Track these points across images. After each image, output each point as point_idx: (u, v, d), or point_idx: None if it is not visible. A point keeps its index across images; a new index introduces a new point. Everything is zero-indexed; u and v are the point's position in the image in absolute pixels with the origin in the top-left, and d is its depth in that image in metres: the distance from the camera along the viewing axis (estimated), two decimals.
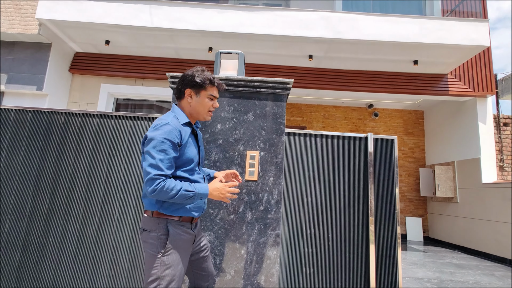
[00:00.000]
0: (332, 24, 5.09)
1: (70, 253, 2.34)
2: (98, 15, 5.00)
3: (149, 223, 1.45)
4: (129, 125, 2.53)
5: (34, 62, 5.38)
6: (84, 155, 2.49)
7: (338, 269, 2.55)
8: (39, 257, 2.33)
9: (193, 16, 5.07)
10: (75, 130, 2.52)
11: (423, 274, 4.06)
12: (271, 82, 2.41)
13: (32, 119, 2.51)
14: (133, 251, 2.36)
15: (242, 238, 2.23)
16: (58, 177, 2.45)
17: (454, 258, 5.28)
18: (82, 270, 2.33)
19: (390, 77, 6.07)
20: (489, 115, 6.01)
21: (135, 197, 2.44)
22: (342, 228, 2.61)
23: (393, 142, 2.76)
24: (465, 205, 6.18)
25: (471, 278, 4.00)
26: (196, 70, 1.58)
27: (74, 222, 2.39)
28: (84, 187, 2.44)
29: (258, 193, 2.30)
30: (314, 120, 7.81)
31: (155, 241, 1.41)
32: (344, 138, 2.74)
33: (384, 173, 2.70)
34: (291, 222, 2.58)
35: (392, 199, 2.65)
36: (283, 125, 2.41)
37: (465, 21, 5.11)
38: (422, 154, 7.76)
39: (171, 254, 1.40)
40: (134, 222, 2.40)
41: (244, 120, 2.39)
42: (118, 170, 2.47)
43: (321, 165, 2.67)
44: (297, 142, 2.67)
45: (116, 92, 6.07)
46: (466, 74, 6.06)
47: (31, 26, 5.17)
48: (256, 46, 5.47)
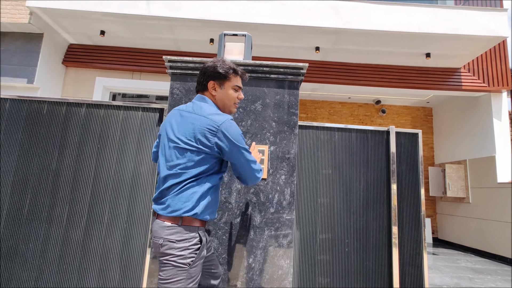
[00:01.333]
0: (341, 13, 4.79)
1: (53, 261, 2.05)
2: (92, 3, 4.70)
3: (178, 233, 1.26)
4: (121, 115, 2.24)
5: (25, 54, 5.08)
6: (70, 149, 2.19)
7: (357, 279, 2.26)
8: (19, 265, 2.04)
9: (192, 3, 4.77)
10: (60, 121, 2.22)
11: (440, 280, 3.77)
12: (282, 67, 2.12)
13: (11, 109, 2.22)
14: (125, 260, 2.07)
15: (249, 245, 1.94)
16: (40, 174, 2.16)
17: (469, 262, 4.99)
18: (67, 281, 2.03)
19: (400, 71, 5.78)
20: (505, 111, 5.72)
21: (127, 197, 2.15)
22: (361, 232, 2.32)
23: (417, 136, 2.47)
24: (478, 206, 5.89)
25: (492, 284, 3.72)
26: (217, 60, 1.47)
27: (58, 226, 2.10)
28: (69, 186, 2.14)
29: (268, 193, 2.01)
30: (319, 117, 7.51)
31: (184, 253, 1.25)
32: (363, 132, 2.44)
33: (407, 171, 2.41)
34: (303, 226, 2.28)
35: (417, 200, 2.37)
36: (296, 116, 2.12)
37: (482, 10, 4.81)
38: (431, 153, 7.47)
39: (198, 265, 1.29)
40: (126, 226, 2.10)
41: (252, 110, 2.10)
42: (108, 167, 2.18)
43: (338, 161, 2.38)
44: (311, 136, 2.38)
45: (112, 85, 5.77)
46: (480, 68, 5.77)
47: (22, 15, 4.87)
48: (259, 37, 5.17)
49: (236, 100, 1.51)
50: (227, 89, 1.46)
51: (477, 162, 5.99)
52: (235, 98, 1.49)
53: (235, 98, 1.49)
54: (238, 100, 1.52)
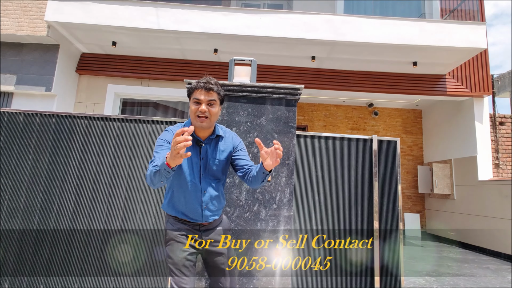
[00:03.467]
0: (334, 26, 5.23)
1: (96, 248, 2.50)
2: (106, 17, 5.11)
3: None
4: (149, 128, 2.68)
5: (43, 64, 5.48)
6: (107, 157, 2.64)
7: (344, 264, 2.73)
8: (66, 252, 2.49)
9: (199, 18, 5.19)
10: (97, 134, 2.66)
11: (421, 267, 4.26)
12: (282, 88, 2.57)
13: (57, 123, 2.65)
14: (155, 246, 2.52)
15: (256, 234, 2.40)
16: (82, 178, 2.60)
17: (451, 253, 5.50)
18: (107, 265, 2.49)
19: (390, 78, 6.24)
20: (486, 115, 6.21)
21: (155, 196, 2.60)
22: (349, 224, 2.79)
23: (396, 143, 2.93)
24: (462, 202, 6.39)
25: (467, 271, 4.21)
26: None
27: (99, 220, 2.55)
28: (107, 187, 2.59)
29: (272, 192, 2.47)
30: (316, 119, 7.97)
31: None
32: (350, 140, 2.90)
33: (387, 173, 2.88)
34: (300, 219, 2.75)
35: (395, 196, 2.84)
36: (294, 128, 2.57)
37: (463, 24, 5.27)
38: (420, 152, 7.96)
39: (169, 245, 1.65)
40: (155, 220, 2.56)
41: (258, 124, 2.55)
42: (139, 171, 2.63)
43: (329, 165, 2.84)
44: (306, 144, 2.84)
45: (122, 92, 6.19)
46: (464, 75, 6.24)
47: (40, 28, 5.26)
48: (260, 48, 5.60)
49: (198, 112, 1.50)
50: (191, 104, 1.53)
51: (461, 162, 6.49)
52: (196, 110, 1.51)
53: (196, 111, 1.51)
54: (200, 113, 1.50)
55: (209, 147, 1.61)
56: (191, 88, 1.56)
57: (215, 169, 1.61)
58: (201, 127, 1.53)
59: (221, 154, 1.63)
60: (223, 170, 1.66)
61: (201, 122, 1.51)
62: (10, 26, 5.27)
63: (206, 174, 1.59)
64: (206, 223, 1.61)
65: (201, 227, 1.61)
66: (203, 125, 1.52)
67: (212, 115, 1.54)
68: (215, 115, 1.56)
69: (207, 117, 1.52)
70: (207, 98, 1.51)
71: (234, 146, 1.69)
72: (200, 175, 1.58)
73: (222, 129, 1.71)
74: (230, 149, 1.67)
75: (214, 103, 1.55)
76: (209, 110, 1.52)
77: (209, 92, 1.53)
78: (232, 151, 1.68)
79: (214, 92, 1.55)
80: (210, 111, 1.52)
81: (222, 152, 1.64)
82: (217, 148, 1.63)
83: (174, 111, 6.66)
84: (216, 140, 1.64)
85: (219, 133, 1.64)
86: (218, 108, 1.59)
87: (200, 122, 1.51)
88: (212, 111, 1.53)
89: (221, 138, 1.66)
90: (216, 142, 1.63)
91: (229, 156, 1.67)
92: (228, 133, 1.72)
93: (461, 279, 3.78)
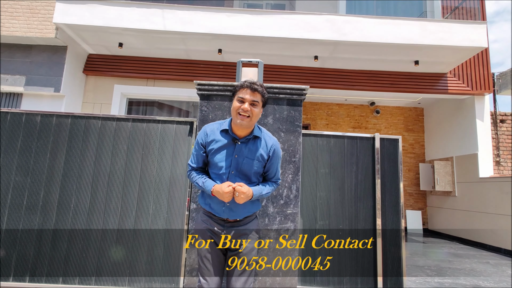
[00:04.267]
0: (337, 26, 5.32)
1: (111, 242, 2.62)
2: (112, 19, 5.21)
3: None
4: (160, 128, 2.79)
5: (51, 65, 5.60)
6: (120, 156, 2.75)
7: (347, 256, 2.84)
8: (83, 246, 2.61)
9: (203, 19, 5.29)
10: (111, 133, 2.77)
11: (423, 263, 4.37)
12: (288, 89, 2.67)
13: (72, 123, 2.77)
14: (168, 241, 2.64)
15: (265, 229, 2.51)
16: (97, 176, 2.72)
17: (453, 248, 5.59)
18: (123, 258, 2.61)
19: (391, 76, 6.32)
20: (487, 113, 6.29)
21: (167, 193, 2.71)
22: (352, 219, 2.89)
23: (398, 141, 3.03)
24: (463, 199, 6.48)
25: (467, 265, 4.31)
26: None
27: (114, 216, 2.66)
28: (121, 185, 2.70)
29: (279, 188, 2.58)
30: (318, 118, 8.06)
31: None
32: (354, 138, 3.00)
33: (389, 170, 2.98)
34: (306, 214, 2.86)
35: (397, 193, 2.94)
36: (300, 127, 2.67)
37: (464, 23, 5.35)
38: (422, 150, 8.04)
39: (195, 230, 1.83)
40: (167, 216, 2.67)
41: (265, 123, 2.65)
42: (151, 169, 2.74)
43: (333, 162, 2.95)
44: (312, 142, 2.94)
45: (128, 92, 6.30)
46: (465, 73, 6.31)
47: (48, 30, 5.38)
48: (263, 48, 5.70)
49: (240, 110, 1.57)
50: (234, 102, 1.63)
51: (462, 159, 6.57)
52: (239, 108, 1.58)
53: (238, 108, 1.58)
54: (242, 111, 1.56)
55: (244, 146, 1.64)
56: (237, 87, 1.63)
57: (246, 168, 1.63)
58: (240, 125, 1.58)
59: (254, 154, 1.64)
60: (255, 172, 1.66)
61: (241, 120, 1.56)
62: (19, 28, 5.39)
63: (236, 172, 1.64)
64: (232, 220, 1.66)
65: (226, 223, 1.67)
66: (243, 123, 1.57)
67: (254, 115, 1.59)
68: (257, 115, 1.61)
69: (248, 116, 1.57)
70: (251, 98, 1.58)
71: (268, 155, 1.69)
72: (229, 172, 1.63)
73: (262, 131, 1.73)
74: (265, 153, 1.67)
75: (257, 104, 1.60)
76: (251, 110, 1.57)
77: (254, 93, 1.59)
78: (266, 157, 1.68)
79: (259, 94, 1.61)
80: (252, 110, 1.58)
81: (255, 153, 1.65)
82: (252, 148, 1.65)
83: (178, 110, 6.77)
84: (253, 140, 1.67)
85: (256, 134, 1.67)
86: (260, 109, 1.63)
87: (241, 120, 1.57)
88: (254, 111, 1.59)
89: (259, 139, 1.68)
90: (252, 142, 1.67)
91: (262, 159, 1.67)
92: (267, 137, 1.72)
93: (461, 273, 3.88)
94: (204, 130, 1.72)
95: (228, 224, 1.67)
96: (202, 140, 1.70)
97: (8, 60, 5.59)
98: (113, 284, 2.58)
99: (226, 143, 1.65)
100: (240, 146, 1.65)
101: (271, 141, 1.73)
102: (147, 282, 2.60)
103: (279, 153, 1.75)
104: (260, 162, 1.67)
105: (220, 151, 1.64)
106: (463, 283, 3.48)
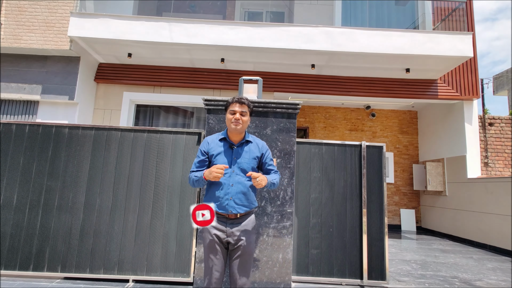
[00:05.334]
0: (332, 38, 5.69)
1: (131, 238, 3.02)
2: (123, 32, 5.61)
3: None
4: (172, 138, 3.19)
5: (66, 74, 6.00)
6: (137, 163, 3.15)
7: (338, 250, 3.23)
8: (107, 242, 3.01)
9: (208, 32, 5.68)
10: (129, 142, 3.17)
11: (410, 257, 4.75)
12: (284, 104, 3.06)
13: (96, 134, 3.17)
14: (179, 237, 3.04)
15: (264, 226, 2.90)
16: (118, 180, 3.12)
17: (441, 245, 5.97)
18: (141, 252, 3.01)
19: (385, 83, 6.69)
20: (475, 117, 6.65)
21: (178, 195, 3.11)
22: (341, 217, 3.28)
23: (382, 148, 3.41)
24: (453, 198, 6.85)
25: (451, 260, 4.69)
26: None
27: (132, 215, 3.07)
28: (138, 188, 3.10)
29: (276, 191, 2.97)
30: (316, 121, 8.44)
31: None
32: (343, 146, 3.39)
33: (374, 173, 3.37)
34: (300, 214, 3.25)
35: (381, 194, 3.32)
36: (295, 137, 3.06)
37: (451, 34, 5.71)
38: (415, 151, 8.41)
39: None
40: (179, 215, 3.07)
41: (264, 134, 3.04)
42: (164, 174, 3.14)
43: (324, 167, 3.33)
44: (305, 150, 3.33)
45: (136, 99, 6.70)
46: (454, 80, 6.68)
47: (63, 42, 5.78)
48: (263, 57, 6.08)
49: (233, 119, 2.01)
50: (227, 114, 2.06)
51: (452, 160, 6.94)
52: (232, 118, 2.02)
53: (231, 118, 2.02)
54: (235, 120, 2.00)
55: (240, 149, 2.06)
56: (228, 102, 2.08)
57: (245, 166, 2.02)
58: (235, 130, 2.03)
59: (249, 155, 2.06)
60: (252, 168, 2.06)
61: (235, 126, 2.01)
62: (36, 41, 5.79)
63: (237, 170, 2.00)
64: (232, 215, 1.95)
65: (228, 220, 1.97)
66: (237, 128, 2.01)
67: (244, 122, 2.04)
68: (246, 122, 2.07)
69: (240, 123, 2.02)
70: (240, 109, 2.04)
71: (261, 152, 2.13)
72: (231, 171, 2.00)
73: (252, 137, 2.17)
74: (258, 154, 2.11)
75: (245, 113, 2.05)
76: (241, 118, 2.03)
77: (242, 105, 2.05)
78: (260, 157, 2.13)
79: (245, 105, 2.08)
80: (242, 119, 2.03)
81: (250, 153, 2.07)
82: (246, 150, 2.07)
83: (184, 112, 7.15)
84: (246, 144, 2.10)
85: (248, 139, 2.11)
86: (248, 117, 2.08)
87: (235, 126, 2.01)
88: (243, 119, 2.04)
89: (250, 142, 2.11)
90: (246, 145, 2.09)
91: (257, 158, 2.10)
92: (257, 140, 2.18)
93: (443, 266, 4.26)
94: (206, 140, 2.14)
95: (229, 221, 1.99)
96: (204, 148, 2.11)
97: (26, 70, 6.01)
98: (133, 274, 2.98)
99: (225, 148, 2.05)
100: (237, 149, 2.06)
101: (261, 142, 2.21)
102: (162, 272, 3.00)
103: (268, 149, 2.24)
104: (255, 160, 2.09)
105: (221, 155, 2.04)
106: (443, 274, 3.86)
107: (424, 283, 3.43)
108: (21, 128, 3.16)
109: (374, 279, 3.21)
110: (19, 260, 2.98)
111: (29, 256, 2.99)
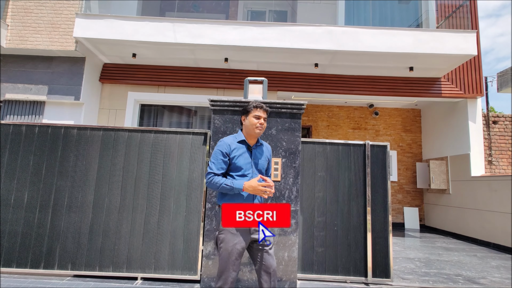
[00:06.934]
0: (335, 37, 5.70)
1: (139, 237, 3.08)
2: (128, 33, 5.66)
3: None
4: (178, 138, 3.24)
5: (71, 75, 6.07)
6: (144, 163, 3.20)
7: (342, 248, 3.27)
8: (115, 240, 3.07)
9: (211, 32, 5.71)
10: (137, 142, 3.23)
11: (414, 255, 4.78)
12: (289, 104, 3.09)
13: (103, 135, 3.23)
14: (187, 236, 3.09)
15: None
16: (126, 180, 3.18)
17: (445, 243, 5.99)
18: (149, 250, 3.07)
19: (388, 81, 6.69)
20: (479, 115, 6.64)
21: (185, 194, 3.16)
22: (345, 216, 3.32)
23: (386, 147, 3.44)
24: (457, 196, 6.86)
25: (455, 258, 4.72)
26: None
27: (140, 214, 3.12)
28: (146, 188, 3.16)
29: (281, 190, 3.01)
30: (319, 119, 8.46)
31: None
32: (347, 145, 3.42)
33: (378, 172, 3.40)
34: (306, 212, 3.29)
35: (385, 193, 3.35)
36: (299, 137, 3.10)
37: (454, 32, 5.70)
38: (419, 150, 8.41)
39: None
40: (186, 214, 3.13)
41: (269, 134, 3.08)
42: (171, 173, 3.19)
43: (329, 166, 3.37)
44: (310, 149, 3.36)
45: (141, 98, 6.76)
46: (458, 78, 6.67)
47: (69, 43, 5.84)
48: (267, 57, 6.11)
49: (258, 125, 2.14)
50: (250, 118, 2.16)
51: (456, 159, 6.94)
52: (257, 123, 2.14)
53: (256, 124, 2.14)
54: (259, 125, 2.14)
55: (257, 151, 2.23)
56: (252, 106, 2.18)
57: (261, 167, 2.21)
58: (258, 135, 2.19)
59: (263, 157, 2.25)
60: (265, 168, 2.27)
61: (259, 131, 2.17)
62: (42, 42, 5.86)
63: (256, 171, 2.17)
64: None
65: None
66: (260, 133, 2.18)
67: (264, 127, 2.21)
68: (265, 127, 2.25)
69: (263, 128, 2.19)
70: (264, 115, 2.20)
71: (269, 155, 2.32)
72: (252, 172, 2.15)
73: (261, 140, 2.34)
74: (268, 156, 2.30)
75: (266, 119, 2.23)
76: (263, 124, 2.19)
77: (265, 112, 2.22)
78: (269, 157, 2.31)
79: (267, 112, 2.25)
80: (264, 124, 2.19)
81: (263, 155, 2.26)
82: (260, 152, 2.25)
83: (188, 110, 7.20)
84: (260, 146, 2.27)
85: (261, 142, 2.29)
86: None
87: (259, 131, 2.16)
88: (265, 125, 2.21)
89: (262, 145, 2.29)
90: (260, 147, 2.27)
91: (267, 160, 2.28)
92: (265, 144, 2.36)
93: (447, 264, 4.29)
94: (226, 142, 2.19)
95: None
96: (226, 149, 2.16)
97: (32, 71, 6.08)
98: (141, 271, 3.04)
99: (244, 150, 2.17)
100: (255, 151, 2.21)
101: (268, 145, 2.38)
102: (170, 270, 3.06)
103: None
104: (266, 161, 2.27)
105: (242, 156, 2.15)
106: (447, 272, 3.89)
107: (428, 281, 3.47)
108: (30, 129, 3.22)
109: (378, 277, 3.25)
110: (30, 258, 3.05)
111: (40, 254, 3.06)
